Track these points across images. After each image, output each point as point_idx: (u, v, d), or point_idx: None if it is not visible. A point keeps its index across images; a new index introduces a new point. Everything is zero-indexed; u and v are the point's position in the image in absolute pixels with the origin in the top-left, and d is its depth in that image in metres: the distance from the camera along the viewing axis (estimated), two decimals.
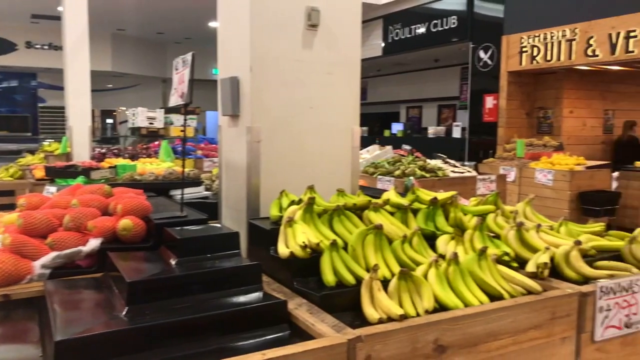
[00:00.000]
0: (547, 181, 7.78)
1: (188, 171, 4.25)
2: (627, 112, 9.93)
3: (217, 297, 1.91)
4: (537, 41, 8.87)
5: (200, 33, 14.37)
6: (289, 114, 2.96)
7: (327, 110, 3.08)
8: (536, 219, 2.90)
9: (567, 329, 2.10)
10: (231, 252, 2.18)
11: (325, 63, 3.08)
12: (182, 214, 2.58)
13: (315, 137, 3.03)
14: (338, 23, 3.10)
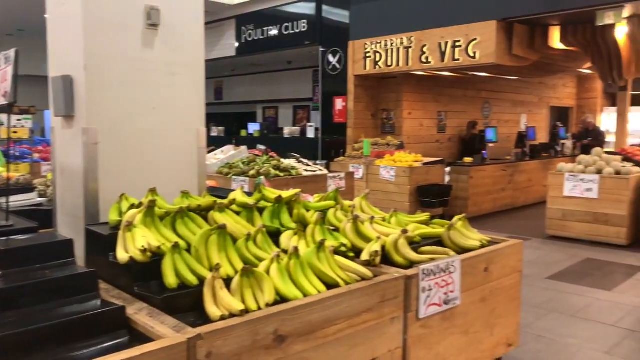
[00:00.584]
0: (390, 177, 8.42)
1: (18, 176, 3.89)
2: (457, 114, 11.11)
3: (50, 309, 1.81)
4: (379, 47, 9.54)
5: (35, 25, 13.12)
6: (129, 115, 2.86)
7: (170, 110, 3.04)
8: (371, 211, 3.15)
9: (395, 310, 2.33)
10: (65, 261, 2.07)
11: (168, 63, 3.03)
12: (8, 223, 2.37)
13: (158, 138, 2.98)
14: (180, 23, 3.08)
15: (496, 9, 8.13)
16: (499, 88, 12.06)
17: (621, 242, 6.69)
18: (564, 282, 5.33)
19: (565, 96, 14.37)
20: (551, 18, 8.25)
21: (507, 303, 2.95)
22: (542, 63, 9.65)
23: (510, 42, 8.29)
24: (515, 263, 3.01)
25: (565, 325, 4.20)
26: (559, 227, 7.26)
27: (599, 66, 8.65)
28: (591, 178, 6.95)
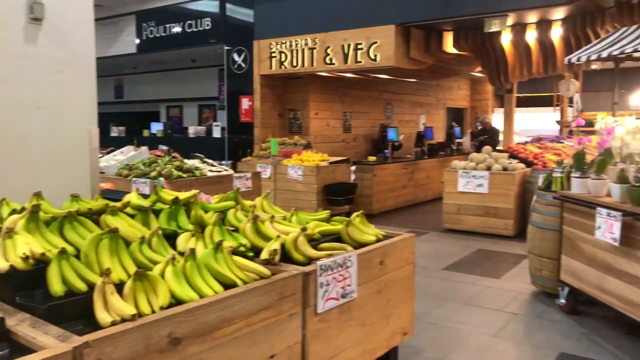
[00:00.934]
0: (297, 176, 8.52)
1: None
2: (361, 114, 11.46)
3: None
4: (284, 47, 9.61)
5: None
6: (10, 115, 2.69)
7: (58, 110, 2.89)
8: (272, 211, 3.19)
9: (293, 306, 2.38)
10: None
11: (54, 60, 2.88)
12: None
13: (45, 139, 2.82)
14: (66, 17, 2.93)
15: (394, 14, 8.49)
16: (400, 90, 12.59)
17: (508, 233, 7.25)
18: (458, 272, 5.69)
19: (459, 98, 15.29)
20: (444, 24, 8.75)
21: (401, 294, 3.11)
22: (438, 66, 10.22)
23: (408, 46, 8.69)
24: (409, 255, 3.17)
25: (458, 313, 4.50)
26: (454, 221, 7.73)
27: (488, 70, 9.30)
28: (482, 174, 7.46)
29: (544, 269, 4.78)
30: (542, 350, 3.71)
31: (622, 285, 3.70)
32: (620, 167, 3.82)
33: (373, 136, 11.64)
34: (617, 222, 3.63)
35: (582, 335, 3.96)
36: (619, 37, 4.22)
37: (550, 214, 4.73)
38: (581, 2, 7.14)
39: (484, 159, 7.75)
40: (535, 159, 8.10)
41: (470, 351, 3.73)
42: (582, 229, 4.18)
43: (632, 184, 3.64)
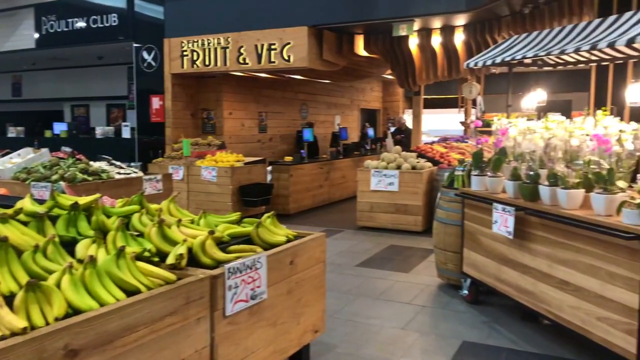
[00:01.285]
0: (211, 177, 8.38)
1: None
2: (276, 114, 11.47)
3: None
4: (196, 46, 9.40)
5: None
6: None
7: None
8: (179, 214, 3.13)
9: (201, 310, 2.35)
10: None
11: None
12: None
13: None
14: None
15: (307, 15, 8.58)
16: (315, 90, 12.74)
17: (418, 228, 7.58)
18: (370, 268, 5.86)
19: (372, 99, 15.73)
20: (355, 27, 8.97)
21: (312, 292, 3.16)
22: (350, 68, 10.46)
23: (320, 47, 8.81)
24: (319, 254, 3.23)
25: (370, 308, 4.64)
26: (367, 219, 7.95)
27: (397, 73, 9.64)
28: (392, 173, 7.73)
29: (449, 262, 5.05)
30: (446, 340, 3.91)
31: (516, 275, 3.99)
32: (514, 165, 4.11)
33: (290, 136, 11.70)
34: (511, 217, 3.91)
35: (484, 323, 4.22)
36: (511, 44, 4.54)
37: (453, 210, 5.00)
38: (480, 10, 7.60)
39: (394, 158, 8.03)
40: (441, 158, 8.52)
41: (380, 344, 3.87)
42: (481, 223, 4.46)
43: (524, 180, 3.94)
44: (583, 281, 3.29)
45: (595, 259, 3.19)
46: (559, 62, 4.75)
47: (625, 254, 2.95)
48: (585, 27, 3.85)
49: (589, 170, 3.41)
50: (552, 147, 3.73)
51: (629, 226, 2.91)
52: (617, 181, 3.19)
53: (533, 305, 3.81)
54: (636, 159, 3.51)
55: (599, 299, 3.16)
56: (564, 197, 3.49)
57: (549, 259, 3.62)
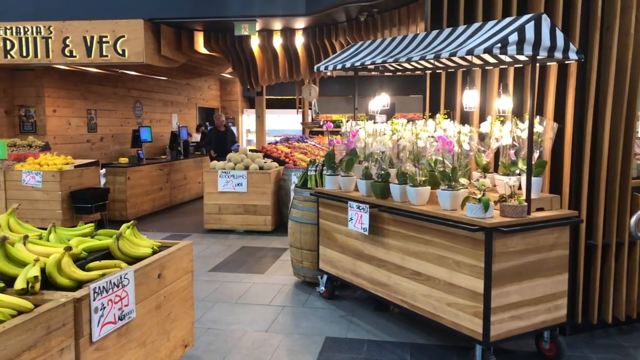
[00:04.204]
0: (36, 183, 7.45)
1: None
2: (108, 112, 10.60)
3: None
4: (9, 34, 8.25)
5: None
6: None
7: None
8: (23, 229, 2.72)
9: (64, 339, 2.07)
10: None
11: None
12: None
13: None
14: None
15: (142, 8, 8.08)
16: (149, 87, 12.07)
17: (267, 228, 7.62)
18: (224, 272, 5.74)
19: (210, 97, 15.43)
20: (195, 23, 8.69)
21: (181, 305, 2.98)
22: (190, 65, 10.12)
23: (158, 43, 8.37)
24: (187, 264, 3.06)
25: (229, 313, 4.54)
26: (215, 221, 7.77)
27: (238, 72, 9.58)
28: (240, 174, 7.66)
29: (305, 260, 5.16)
30: (310, 338, 4.00)
31: (371, 269, 4.23)
32: (365, 165, 4.35)
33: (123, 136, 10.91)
34: (365, 214, 4.13)
35: (342, 317, 4.40)
36: (358, 50, 4.79)
37: (307, 209, 5.12)
38: (318, 15, 7.90)
39: (241, 159, 7.97)
40: (286, 158, 8.68)
41: (246, 350, 3.80)
42: (336, 221, 4.64)
43: (375, 179, 4.19)
44: (433, 271, 3.61)
45: (443, 250, 3.52)
46: (399, 68, 5.14)
47: (470, 244, 3.31)
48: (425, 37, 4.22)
49: (436, 169, 3.75)
50: (401, 147, 4.02)
51: (473, 219, 3.27)
52: (460, 178, 3.56)
53: (388, 296, 4.07)
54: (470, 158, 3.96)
55: (448, 287, 3.49)
56: (413, 194, 3.79)
57: (401, 252, 3.90)
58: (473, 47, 3.30)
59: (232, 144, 9.76)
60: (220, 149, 9.84)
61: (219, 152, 9.77)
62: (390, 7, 7.33)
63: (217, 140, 10.06)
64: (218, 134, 10.15)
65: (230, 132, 10.34)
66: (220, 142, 9.99)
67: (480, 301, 3.24)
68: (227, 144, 9.83)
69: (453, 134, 3.84)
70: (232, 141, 9.99)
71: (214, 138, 10.13)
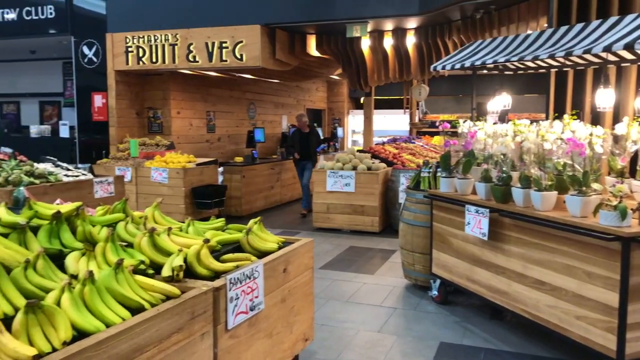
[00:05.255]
0: (162, 179, 8.06)
1: None
2: (225, 114, 11.21)
3: None
4: (142, 42, 9.02)
5: None
6: None
7: None
8: (165, 222, 2.96)
9: (205, 325, 2.23)
10: None
11: None
12: None
13: None
14: None
15: (259, 13, 8.44)
16: (262, 90, 12.57)
17: (375, 229, 7.64)
18: (335, 270, 5.84)
19: (318, 99, 15.75)
20: (308, 27, 8.92)
21: (303, 300, 3.09)
22: (301, 68, 10.40)
23: (273, 46, 8.70)
24: (308, 260, 3.16)
25: (341, 311, 4.61)
26: (324, 220, 7.93)
27: (348, 74, 9.68)
28: (348, 174, 7.75)
29: (416, 263, 5.11)
30: (424, 342, 3.95)
31: (489, 275, 4.09)
32: (484, 167, 4.21)
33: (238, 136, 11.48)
34: (484, 218, 4.00)
35: (456, 323, 4.30)
36: (477, 49, 4.65)
37: (420, 212, 5.07)
38: (432, 14, 7.77)
39: (349, 159, 8.06)
40: (394, 159, 8.64)
41: (360, 349, 3.85)
42: (451, 224, 4.54)
43: (495, 183, 4.04)
44: (560, 281, 3.42)
45: (572, 259, 3.32)
46: (520, 67, 4.92)
47: (604, 254, 3.09)
48: (552, 34, 4.00)
49: (564, 173, 3.54)
50: (525, 150, 3.85)
51: (608, 227, 3.04)
52: (592, 184, 3.34)
53: (507, 304, 3.92)
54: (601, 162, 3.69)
55: (576, 298, 3.29)
56: (538, 199, 3.61)
57: (523, 260, 3.73)
58: (611, 43, 3.08)
59: (317, 145, 9.33)
60: (304, 151, 9.23)
61: (303, 154, 9.21)
62: (509, 3, 7.04)
63: (301, 142, 9.37)
64: (302, 136, 9.42)
65: (314, 133, 9.60)
66: (304, 144, 9.31)
67: (614, 316, 3.01)
68: (312, 146, 9.28)
69: (584, 136, 3.61)
70: (317, 143, 9.45)
71: (298, 140, 9.42)
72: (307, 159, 9.17)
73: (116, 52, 9.18)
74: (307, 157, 9.16)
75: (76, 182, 5.95)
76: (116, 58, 9.19)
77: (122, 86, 9.41)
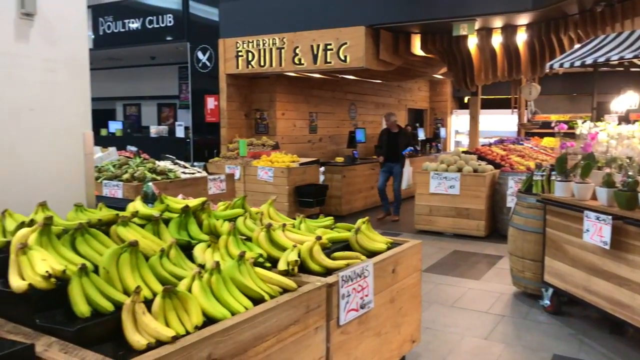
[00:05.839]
0: (268, 178, 8.38)
1: None
2: (326, 115, 11.42)
3: None
4: (251, 47, 9.44)
5: None
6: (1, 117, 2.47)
7: (51, 112, 2.69)
8: (279, 218, 3.09)
9: (318, 319, 2.30)
10: None
11: (46, 58, 2.67)
12: None
13: (38, 143, 2.62)
14: (59, 14, 2.73)
15: (363, 15, 8.50)
16: (363, 90, 12.64)
17: (480, 233, 7.39)
18: (438, 274, 5.74)
19: (420, 99, 15.53)
20: (413, 26, 8.83)
21: (410, 301, 3.08)
22: (404, 68, 10.32)
23: (377, 47, 8.71)
24: (417, 262, 3.15)
25: (445, 315, 4.52)
26: (426, 222, 7.81)
27: (454, 73, 9.45)
28: (453, 176, 7.57)
29: (526, 270, 4.88)
30: (536, 353, 3.77)
31: (610, 287, 3.81)
32: (607, 171, 3.93)
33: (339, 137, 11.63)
34: (607, 226, 3.74)
35: (571, 336, 4.06)
36: (600, 44, 4.35)
37: (532, 217, 4.83)
38: (546, 9, 7.37)
39: (454, 160, 7.87)
40: (502, 161, 8.30)
41: (465, 355, 3.75)
42: (566, 231, 4.28)
43: (620, 188, 3.76)
44: None
45: None
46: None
47: None
48: None
49: None
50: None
51: None
52: None
53: (630, 319, 3.63)
54: None
55: None
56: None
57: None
58: None
59: (406, 147, 8.54)
60: (391, 153, 8.60)
61: (390, 156, 8.61)
62: None
63: (388, 143, 8.63)
64: (389, 136, 8.67)
65: (404, 133, 8.87)
66: (392, 146, 8.58)
67: None
68: (399, 147, 8.52)
69: None
70: (405, 144, 8.58)
71: (385, 140, 8.69)
72: (395, 161, 8.60)
73: (227, 57, 9.69)
74: (394, 159, 8.60)
75: (192, 179, 6.35)
76: (227, 62, 9.70)
77: (232, 89, 9.91)
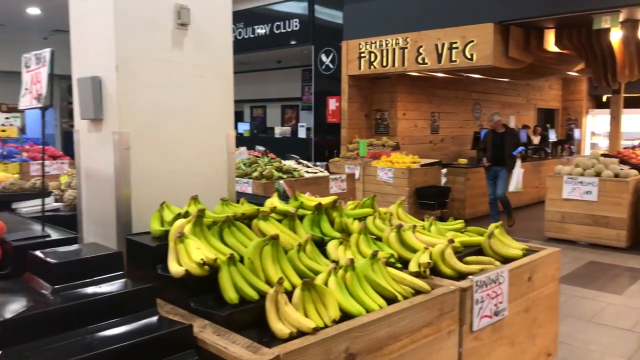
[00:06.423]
0: (387, 178, 8.37)
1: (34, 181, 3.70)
2: (449, 115, 11.14)
3: (109, 328, 1.69)
4: (373, 48, 9.48)
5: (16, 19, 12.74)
6: (160, 118, 2.73)
7: (200, 114, 2.92)
8: (408, 219, 3.08)
9: (451, 323, 2.26)
10: (114, 275, 1.94)
11: (197, 64, 2.91)
12: (44, 232, 2.23)
13: (189, 142, 2.85)
14: (209, 23, 2.95)
15: (493, 11, 8.15)
16: (488, 90, 12.14)
17: (621, 244, 6.76)
18: (572, 286, 5.35)
19: (551, 98, 14.56)
20: (547, 21, 8.31)
21: (546, 312, 2.91)
22: (535, 65, 9.73)
23: (506, 44, 8.32)
24: (554, 271, 2.97)
25: (582, 331, 4.21)
26: (557, 230, 7.31)
27: (593, 69, 8.75)
28: (590, 181, 7.00)
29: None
30: None
31: None
32: None
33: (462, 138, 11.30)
34: None
35: None
36: None
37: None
38: None
39: (592, 164, 7.28)
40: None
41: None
42: None
43: None
44: None
45: None
46: None
47: None
48: None
49: None
50: None
51: None
52: None
53: None
54: None
55: None
56: None
57: None
58: None
59: (514, 148, 7.84)
60: (497, 155, 7.88)
61: (495, 159, 7.89)
62: None
63: (494, 145, 7.95)
64: (495, 137, 8.00)
65: (510, 133, 8.16)
66: (498, 147, 7.89)
67: None
68: (507, 149, 7.83)
69: None
70: (513, 145, 7.88)
71: (490, 142, 8.01)
72: (501, 165, 7.85)
73: (350, 58, 9.82)
74: (500, 163, 7.86)
75: (315, 178, 6.55)
76: (349, 64, 9.84)
77: (353, 90, 10.04)
